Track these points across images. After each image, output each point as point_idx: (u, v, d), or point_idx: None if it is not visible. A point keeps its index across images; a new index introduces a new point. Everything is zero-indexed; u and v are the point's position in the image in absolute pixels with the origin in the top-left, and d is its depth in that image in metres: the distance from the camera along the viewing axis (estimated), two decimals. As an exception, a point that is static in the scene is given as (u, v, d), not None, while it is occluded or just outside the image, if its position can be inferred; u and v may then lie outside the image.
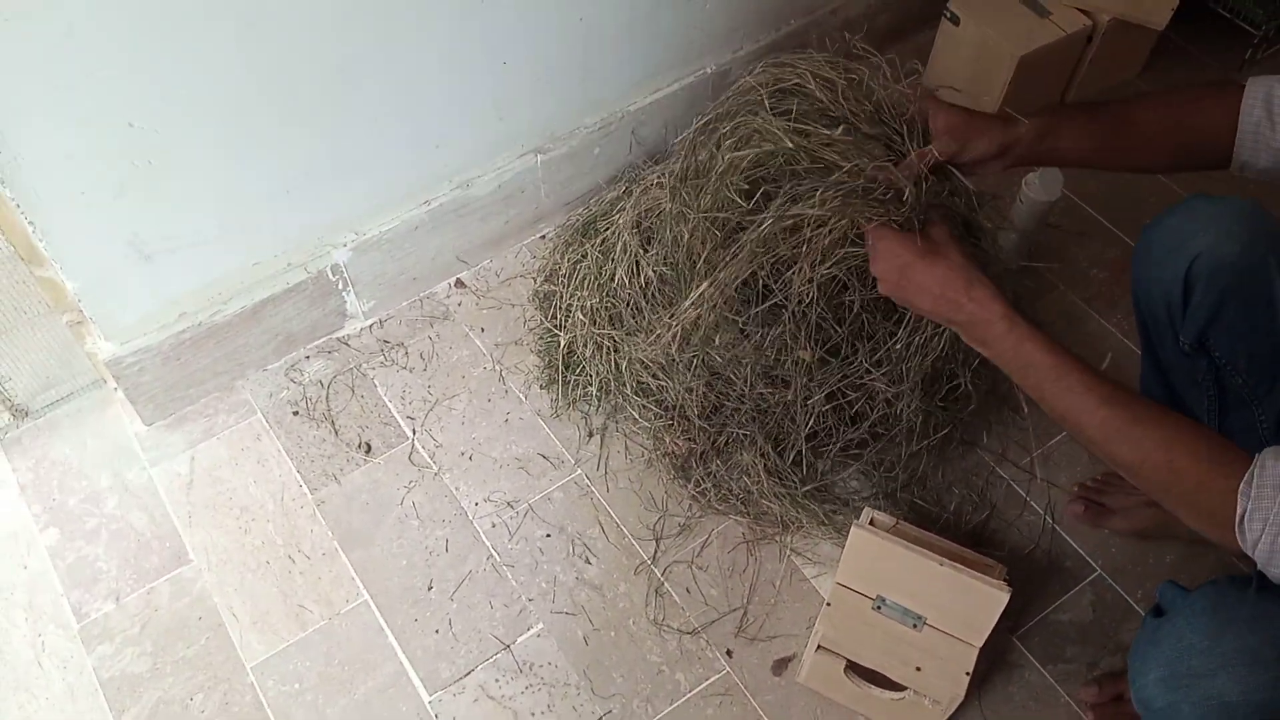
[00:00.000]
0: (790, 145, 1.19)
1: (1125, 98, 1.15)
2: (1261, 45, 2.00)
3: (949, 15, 1.88)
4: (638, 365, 1.50)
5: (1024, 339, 1.00)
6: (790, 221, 1.17)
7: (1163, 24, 1.86)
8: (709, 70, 1.77)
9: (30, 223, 1.25)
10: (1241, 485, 0.86)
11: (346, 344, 1.64)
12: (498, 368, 1.62)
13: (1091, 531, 1.45)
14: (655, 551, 1.44)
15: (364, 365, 1.62)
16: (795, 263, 1.20)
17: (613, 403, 1.54)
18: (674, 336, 1.36)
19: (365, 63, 1.36)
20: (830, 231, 1.15)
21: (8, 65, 1.10)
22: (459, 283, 1.72)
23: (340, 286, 1.59)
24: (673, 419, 1.49)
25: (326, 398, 1.59)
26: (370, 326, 1.66)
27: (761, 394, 1.43)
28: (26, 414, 1.55)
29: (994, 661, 1.34)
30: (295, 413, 1.57)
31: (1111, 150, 1.15)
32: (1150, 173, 1.81)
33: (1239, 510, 0.86)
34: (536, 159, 1.66)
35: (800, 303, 1.26)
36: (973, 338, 1.05)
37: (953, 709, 1.23)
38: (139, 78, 1.20)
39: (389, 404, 1.58)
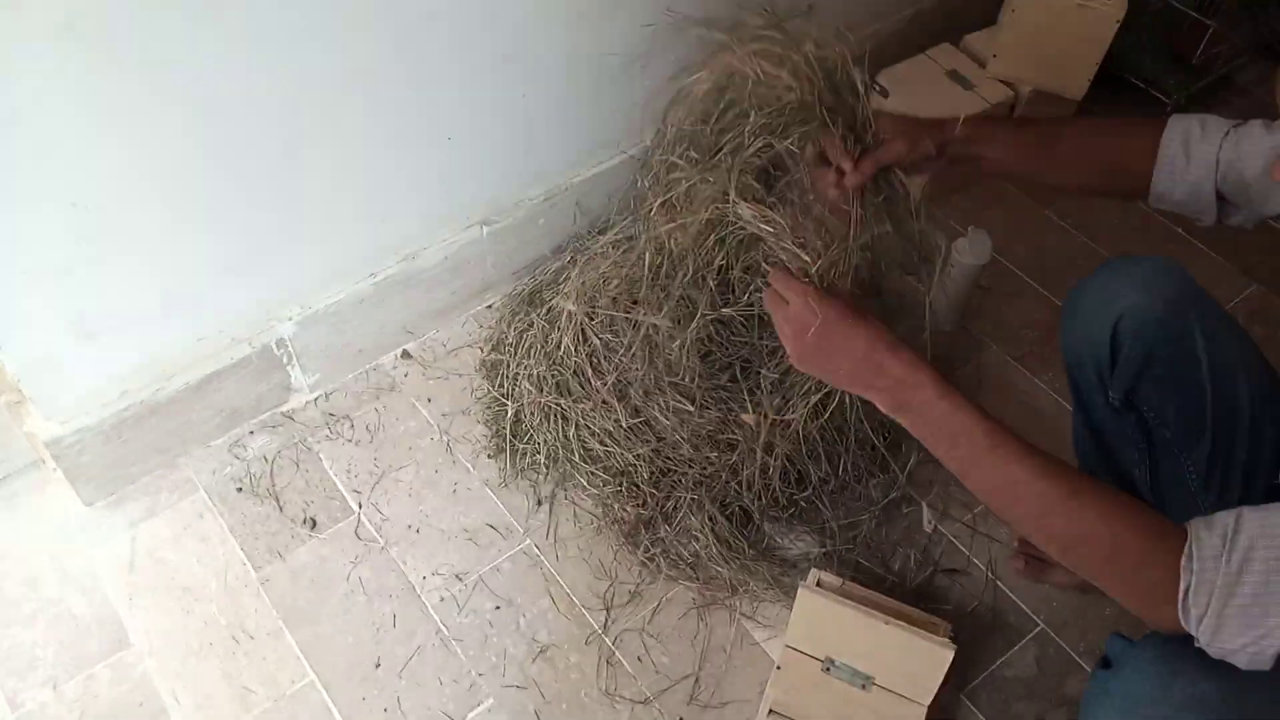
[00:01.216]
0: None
1: (1058, 118, 1.21)
2: (1174, 113, 2.11)
3: (878, 88, 1.96)
4: (585, 433, 1.51)
5: (956, 406, 0.97)
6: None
7: (1080, 94, 1.96)
8: (649, 142, 1.81)
9: (-33, 304, 1.24)
10: (1183, 560, 0.84)
11: (291, 418, 1.64)
12: (445, 438, 1.62)
13: (1033, 586, 1.48)
14: (606, 620, 1.44)
15: (309, 439, 1.61)
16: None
17: (561, 470, 1.55)
18: (606, 382, 1.38)
19: (311, 140, 1.38)
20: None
21: (-51, 147, 1.10)
22: (405, 354, 1.73)
23: (285, 360, 1.59)
24: (621, 485, 1.50)
25: (271, 473, 1.57)
26: (316, 400, 1.66)
27: (708, 458, 1.45)
28: (-40, 497, 1.52)
29: (943, 720, 1.36)
30: (239, 489, 1.55)
31: (1036, 163, 1.20)
32: (1072, 193, 1.89)
33: (1182, 585, 0.84)
34: (482, 230, 1.68)
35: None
36: (895, 403, 1.01)
37: (904, 769, 1.24)
38: (84, 159, 1.20)
39: (334, 478, 1.57)
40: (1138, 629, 0.99)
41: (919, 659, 1.20)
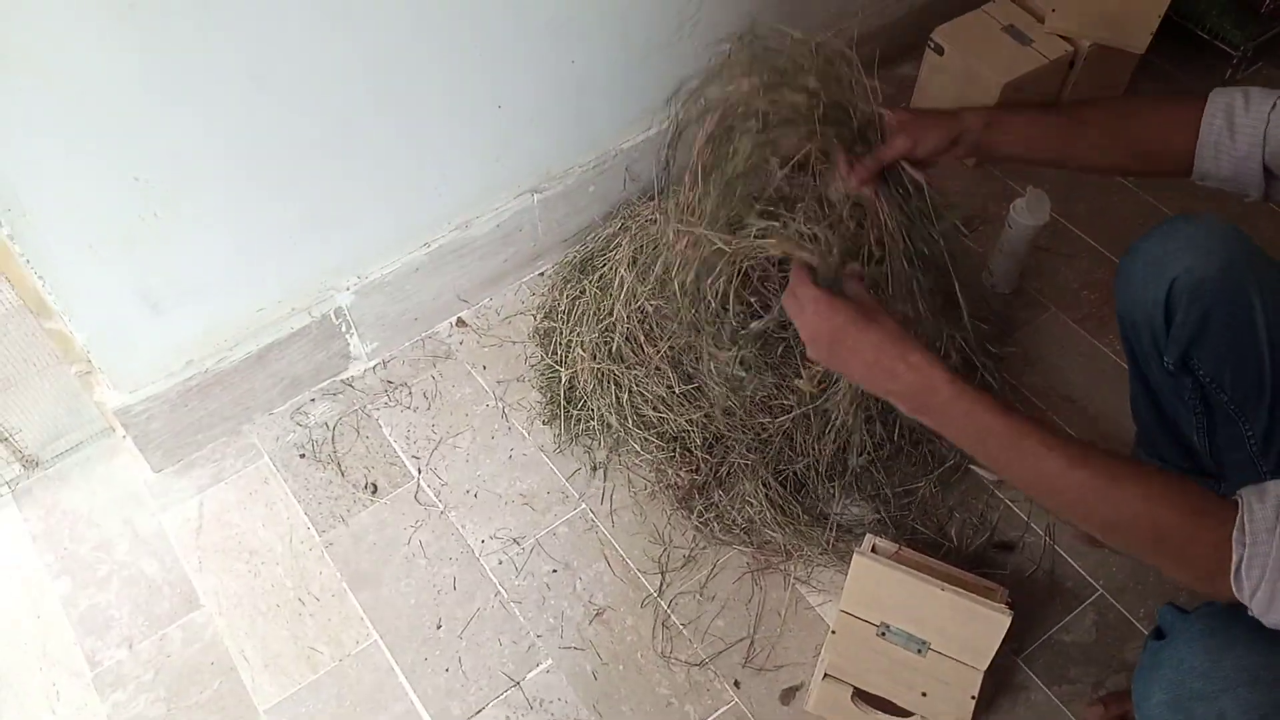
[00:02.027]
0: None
1: (1082, 99, 1.16)
2: (1240, 65, 2.04)
3: (933, 45, 1.92)
4: (639, 399, 1.52)
5: (974, 404, 0.94)
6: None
7: (1142, 48, 1.90)
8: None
9: (40, 276, 1.28)
10: (1235, 533, 0.83)
11: (351, 386, 1.67)
12: (500, 405, 1.64)
13: (1091, 551, 1.47)
14: (661, 584, 1.45)
15: (368, 406, 1.64)
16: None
17: (615, 436, 1.56)
18: (659, 361, 1.38)
19: (367, 111, 1.39)
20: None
21: (20, 123, 1.13)
22: (460, 322, 1.74)
23: (344, 329, 1.61)
24: (675, 451, 1.51)
25: (332, 439, 1.61)
26: (374, 368, 1.69)
27: (762, 423, 1.46)
28: (37, 464, 1.57)
29: (999, 684, 1.36)
30: (302, 455, 1.59)
31: (1059, 147, 1.16)
32: (1103, 175, 1.84)
33: (1235, 559, 0.83)
34: (533, 198, 1.69)
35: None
36: (914, 407, 0.98)
37: (960, 733, 1.25)
38: (146, 133, 1.23)
39: (394, 444, 1.60)
40: (1193, 599, 0.98)
41: (975, 624, 1.19)
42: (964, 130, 1.15)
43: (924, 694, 1.22)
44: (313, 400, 1.65)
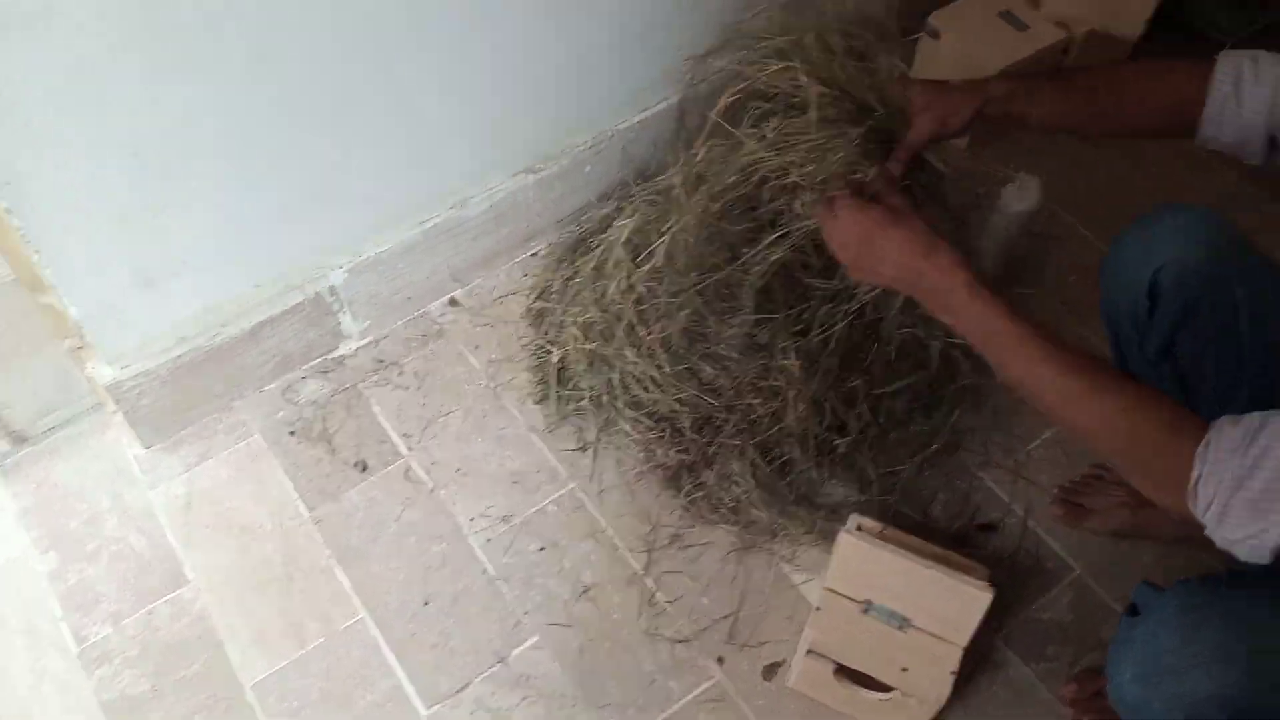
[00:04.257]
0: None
1: (1097, 66, 1.18)
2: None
3: (929, 30, 1.92)
4: (630, 379, 1.53)
5: (987, 308, 1.00)
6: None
7: (1136, 34, 1.91)
8: (697, 87, 1.80)
9: (35, 251, 1.28)
10: (1199, 449, 0.87)
11: (342, 364, 1.67)
12: (492, 384, 1.65)
13: (1071, 532, 1.49)
14: (648, 562, 1.46)
15: (359, 384, 1.65)
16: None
17: (605, 416, 1.57)
18: (651, 341, 1.40)
19: (363, 89, 1.40)
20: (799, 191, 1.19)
21: (18, 97, 1.13)
22: (453, 301, 1.75)
23: (336, 307, 1.62)
24: (664, 431, 1.52)
25: (323, 417, 1.61)
26: (365, 346, 1.69)
27: (750, 404, 1.46)
28: (26, 439, 1.57)
29: (978, 661, 1.37)
30: (292, 433, 1.60)
31: (1078, 115, 1.18)
32: (1119, 137, 1.85)
33: (1194, 474, 0.87)
34: (529, 178, 1.69)
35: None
36: (936, 306, 1.05)
37: (938, 708, 1.26)
38: (144, 108, 1.23)
39: (384, 422, 1.61)
40: (1169, 577, 0.99)
41: (957, 602, 1.21)
42: (989, 101, 1.16)
43: (905, 669, 1.23)
44: (304, 378, 1.66)
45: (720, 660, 1.38)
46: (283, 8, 1.25)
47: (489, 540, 1.49)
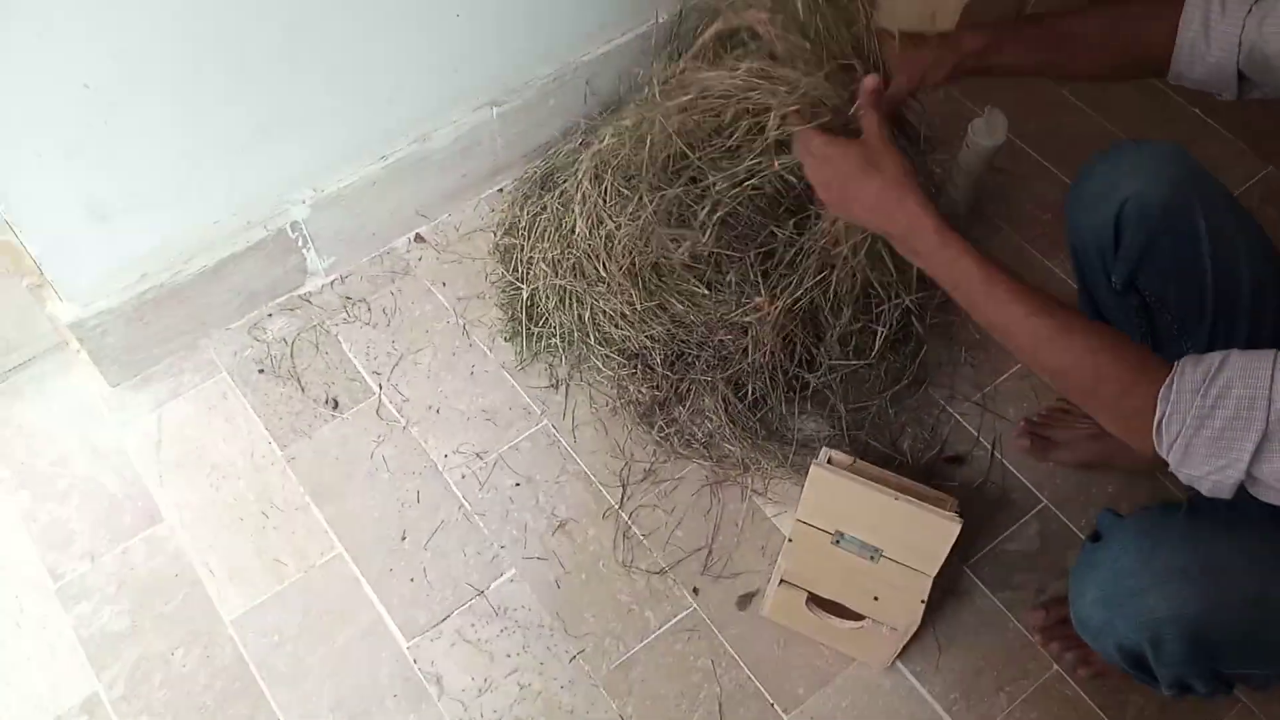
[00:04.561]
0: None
1: (1068, 10, 1.19)
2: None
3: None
4: (600, 314, 1.53)
5: (957, 253, 1.02)
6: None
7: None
8: (661, 19, 1.77)
9: (-13, 187, 1.25)
10: (1162, 390, 0.90)
11: (308, 301, 1.65)
12: (461, 321, 1.64)
13: (1038, 464, 1.53)
14: (622, 496, 1.48)
15: (327, 322, 1.63)
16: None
17: (577, 353, 1.57)
18: (621, 264, 1.41)
19: (318, 17, 1.36)
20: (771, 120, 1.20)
21: (-40, 29, 1.09)
22: (419, 237, 1.73)
23: (300, 244, 1.59)
24: (636, 368, 1.53)
25: (291, 354, 1.60)
26: (332, 283, 1.67)
27: (722, 340, 1.47)
28: (-12, 379, 1.55)
29: (947, 590, 1.41)
30: (261, 370, 1.58)
31: (1054, 62, 1.20)
32: (1092, 80, 1.87)
33: (1158, 414, 0.90)
34: (492, 111, 1.67)
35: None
36: (906, 249, 1.07)
37: (909, 636, 1.30)
38: (92, 38, 1.19)
39: (354, 360, 1.60)
40: (1131, 506, 1.03)
41: (926, 532, 1.24)
42: (964, 56, 1.17)
43: (876, 598, 1.27)
44: (270, 315, 1.64)
45: (695, 591, 1.41)
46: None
47: (464, 476, 1.50)
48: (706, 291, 1.46)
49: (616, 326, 1.51)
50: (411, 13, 1.45)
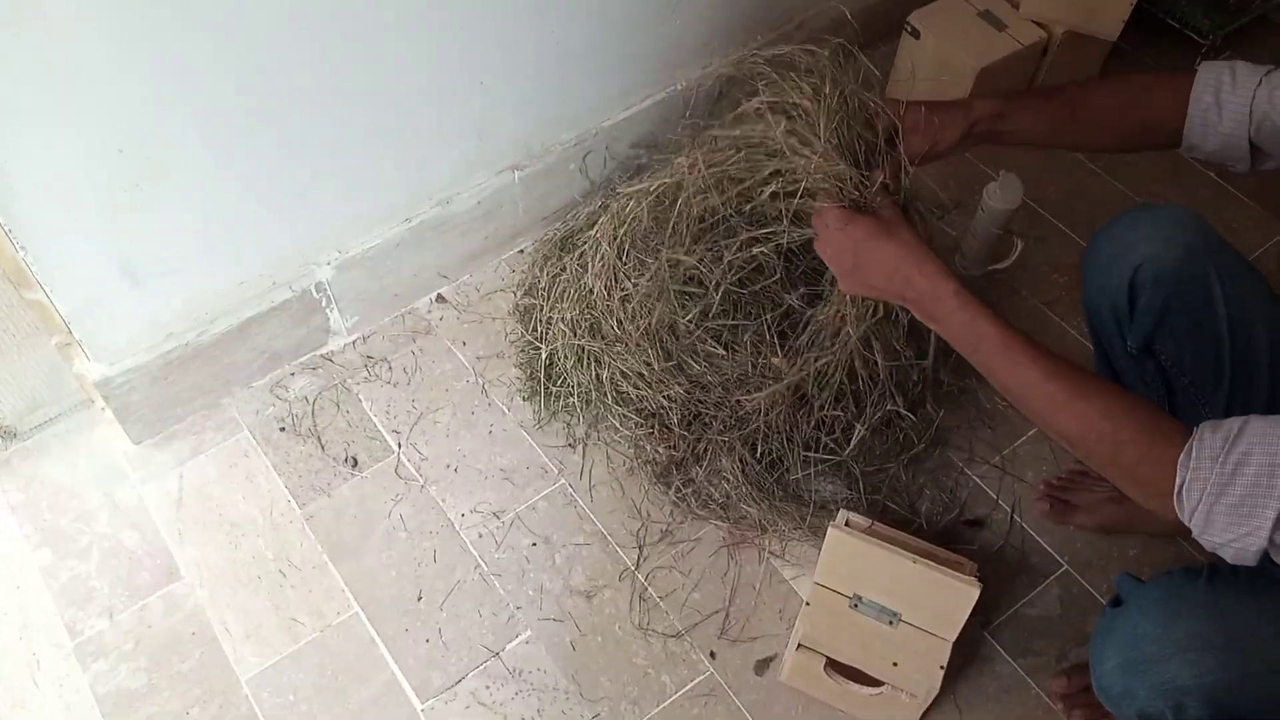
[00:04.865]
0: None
1: (1081, 81, 1.21)
2: (1209, 53, 2.08)
3: (909, 29, 1.94)
4: (618, 375, 1.54)
5: (974, 316, 1.04)
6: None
7: (1114, 35, 1.94)
8: (679, 86, 1.81)
9: (21, 247, 1.28)
10: (1181, 456, 0.90)
11: (330, 360, 1.67)
12: (480, 381, 1.65)
13: (1057, 528, 1.51)
14: (639, 557, 1.48)
15: (348, 381, 1.65)
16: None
17: (594, 412, 1.58)
18: (639, 325, 1.43)
19: (350, 86, 1.40)
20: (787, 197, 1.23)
21: (6, 93, 1.13)
22: (440, 298, 1.76)
23: (324, 304, 1.62)
24: (653, 427, 1.53)
25: (312, 413, 1.61)
26: (354, 342, 1.70)
27: (738, 401, 1.48)
28: (15, 436, 1.57)
29: (967, 656, 1.40)
30: (282, 429, 1.60)
31: (1065, 131, 1.21)
32: (1104, 152, 1.89)
33: (1178, 480, 0.90)
34: (514, 175, 1.70)
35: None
36: (924, 314, 1.09)
37: (928, 702, 1.28)
38: (129, 104, 1.23)
39: (374, 418, 1.61)
40: (1155, 570, 1.02)
41: (945, 596, 1.23)
42: (976, 121, 1.18)
43: (895, 664, 1.26)
44: (292, 374, 1.66)
45: (712, 655, 1.40)
46: (268, 7, 1.24)
47: (480, 536, 1.50)
48: (723, 352, 1.48)
49: (634, 386, 1.53)
50: (440, 81, 1.49)
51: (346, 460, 1.57)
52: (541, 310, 1.66)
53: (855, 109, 1.20)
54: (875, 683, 1.29)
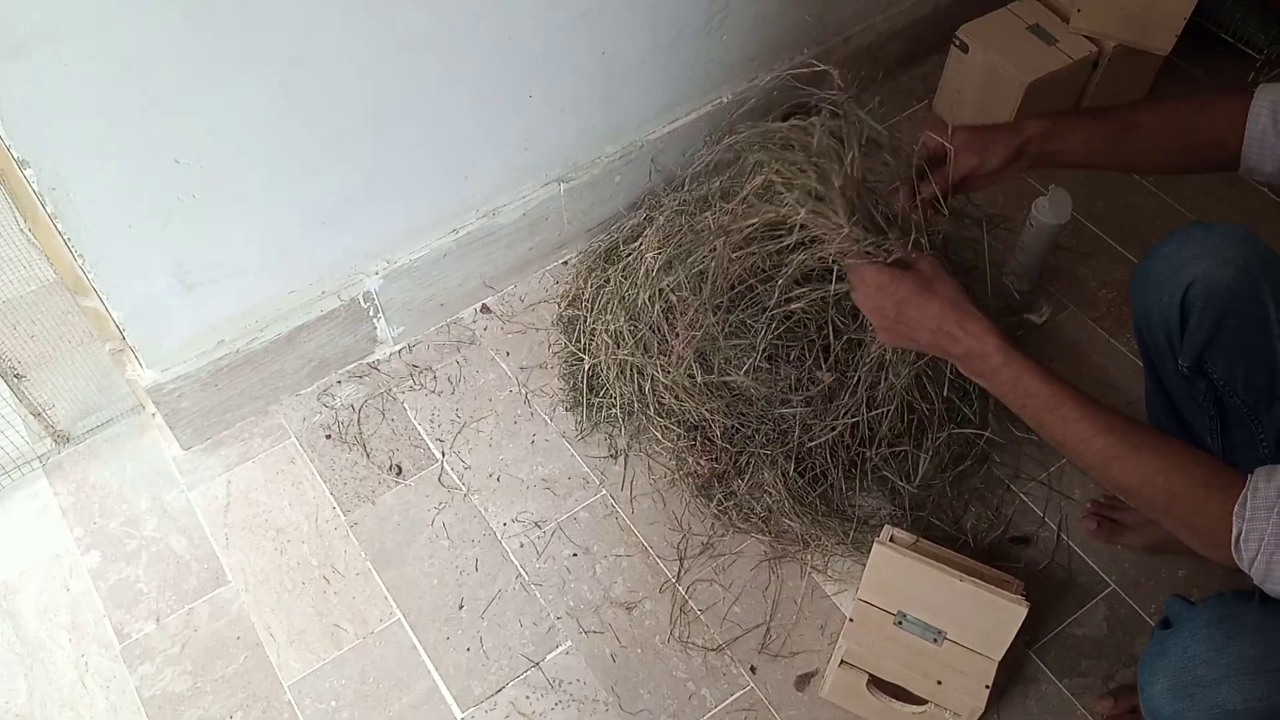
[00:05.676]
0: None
1: (1133, 102, 1.19)
2: (1263, 68, 2.05)
3: (958, 43, 1.93)
4: (660, 387, 1.54)
5: (1021, 371, 1.03)
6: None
7: (1167, 49, 1.91)
8: (725, 99, 1.81)
9: (79, 255, 1.30)
10: (1236, 507, 0.89)
11: (377, 369, 1.69)
12: (523, 391, 1.66)
13: (1105, 547, 1.49)
14: (679, 570, 1.48)
15: (394, 389, 1.67)
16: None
17: (636, 424, 1.59)
18: (682, 350, 1.42)
19: (400, 98, 1.41)
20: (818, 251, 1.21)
21: (65, 106, 1.16)
22: (485, 308, 1.77)
23: (371, 313, 1.64)
24: (695, 440, 1.53)
25: (358, 421, 1.63)
26: (400, 351, 1.71)
27: (782, 414, 1.48)
28: (68, 439, 1.60)
29: (1012, 675, 1.38)
30: (328, 436, 1.62)
31: (1117, 152, 1.19)
32: (1157, 173, 1.86)
33: (1235, 531, 0.89)
34: (560, 187, 1.71)
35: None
36: (970, 370, 1.08)
37: (973, 722, 1.27)
38: (186, 116, 1.25)
39: (419, 427, 1.63)
40: (1204, 592, 1.00)
41: (991, 615, 1.22)
42: (1026, 142, 1.17)
43: (939, 682, 1.24)
44: (339, 382, 1.68)
45: (753, 669, 1.39)
46: (322, 15, 1.26)
47: (522, 545, 1.51)
48: (768, 365, 1.47)
49: (676, 398, 1.52)
50: (488, 93, 1.50)
51: (391, 468, 1.58)
52: (585, 321, 1.66)
53: (872, 181, 1.18)
54: (919, 701, 1.28)
